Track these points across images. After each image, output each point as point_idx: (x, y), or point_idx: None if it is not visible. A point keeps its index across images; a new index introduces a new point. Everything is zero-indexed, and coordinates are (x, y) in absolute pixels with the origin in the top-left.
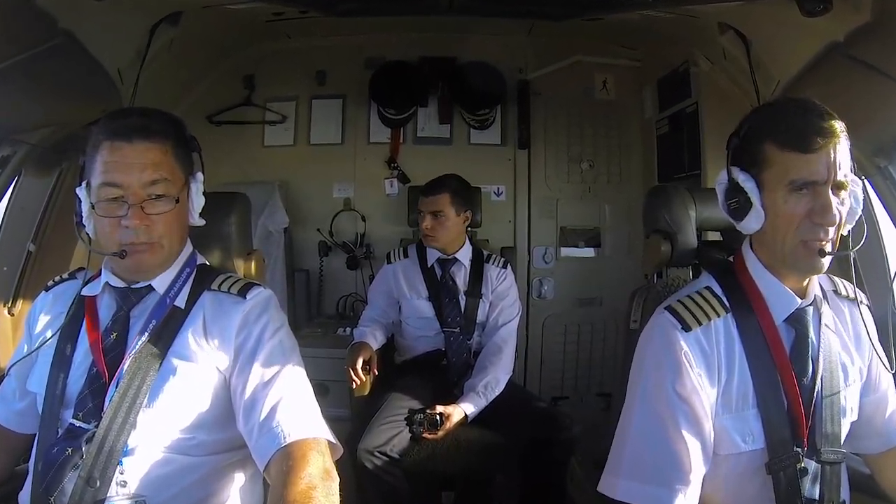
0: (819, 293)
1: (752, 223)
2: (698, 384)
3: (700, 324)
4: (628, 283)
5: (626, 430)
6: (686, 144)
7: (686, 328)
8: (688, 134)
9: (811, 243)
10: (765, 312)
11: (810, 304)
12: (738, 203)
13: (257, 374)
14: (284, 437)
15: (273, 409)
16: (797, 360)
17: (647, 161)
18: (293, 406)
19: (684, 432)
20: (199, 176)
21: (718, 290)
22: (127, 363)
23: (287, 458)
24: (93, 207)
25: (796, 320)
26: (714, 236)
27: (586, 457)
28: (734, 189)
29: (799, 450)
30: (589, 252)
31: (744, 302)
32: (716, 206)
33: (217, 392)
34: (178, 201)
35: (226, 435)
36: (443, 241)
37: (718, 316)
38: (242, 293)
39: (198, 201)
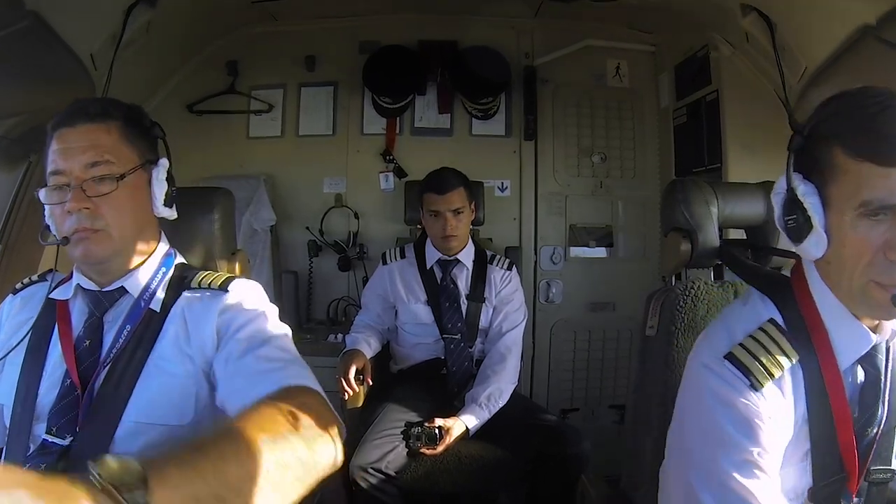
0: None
1: (811, 249)
2: (769, 442)
3: (772, 376)
4: (644, 286)
5: (673, 496)
6: (706, 135)
7: (756, 386)
8: (707, 124)
9: (887, 287)
10: (829, 355)
11: (885, 340)
12: (797, 222)
13: (242, 341)
14: (277, 384)
15: (261, 361)
16: (865, 408)
17: (663, 153)
18: (289, 363)
19: (754, 497)
20: (164, 162)
21: (781, 322)
22: (104, 372)
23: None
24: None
25: (867, 360)
26: (737, 234)
27: (598, 474)
28: (793, 203)
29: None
30: (601, 252)
31: (807, 341)
32: (739, 201)
33: (203, 401)
34: (121, 178)
35: None
36: (462, 242)
37: (791, 362)
38: (224, 286)
39: (159, 189)
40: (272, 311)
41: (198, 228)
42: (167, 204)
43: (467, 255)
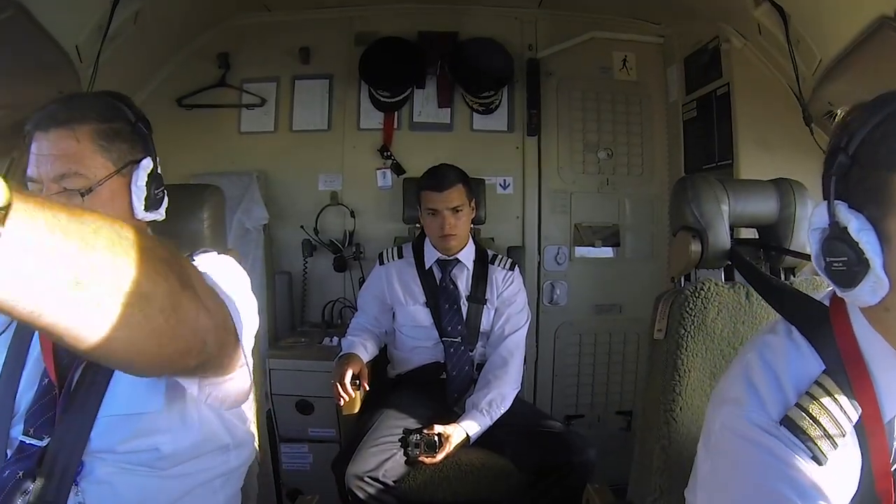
0: None
1: (866, 296)
2: None
3: (836, 446)
4: (652, 288)
5: None
6: (716, 131)
7: (821, 460)
8: (718, 119)
9: None
10: (872, 406)
11: None
12: (846, 264)
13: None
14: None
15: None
16: None
17: (672, 149)
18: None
19: None
20: (146, 163)
21: (836, 382)
22: (81, 369)
23: None
24: None
25: None
26: (749, 233)
27: (604, 483)
28: (839, 239)
29: None
30: (607, 252)
31: (848, 390)
32: (751, 199)
33: (176, 387)
34: (86, 193)
35: (192, 440)
36: (462, 241)
37: (851, 421)
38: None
39: (138, 195)
40: (242, 280)
41: (187, 228)
42: (151, 207)
43: (468, 255)
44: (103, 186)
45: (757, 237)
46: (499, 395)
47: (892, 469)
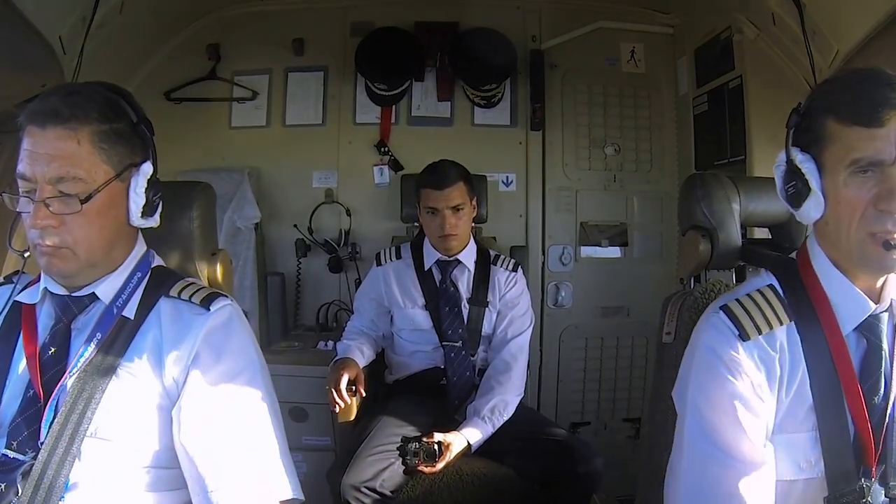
0: None
1: (811, 211)
2: (757, 396)
3: (760, 332)
4: (660, 289)
5: (680, 446)
6: (728, 125)
7: (744, 336)
8: (730, 113)
9: (879, 235)
10: (831, 320)
11: (885, 311)
12: (796, 188)
13: (207, 413)
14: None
15: (218, 470)
16: (867, 377)
17: (682, 145)
18: (244, 471)
19: (747, 431)
20: (146, 168)
21: (781, 292)
22: (69, 382)
23: None
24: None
25: (867, 329)
26: (762, 233)
27: (611, 494)
28: (792, 172)
29: (865, 483)
30: (614, 252)
31: (808, 307)
32: (763, 197)
33: (166, 421)
34: (86, 200)
35: (181, 471)
36: (463, 241)
37: (781, 324)
38: (206, 304)
39: (136, 202)
40: (250, 351)
41: (175, 227)
42: (147, 214)
43: (469, 256)
44: (102, 192)
45: (769, 237)
46: (501, 402)
47: (862, 389)
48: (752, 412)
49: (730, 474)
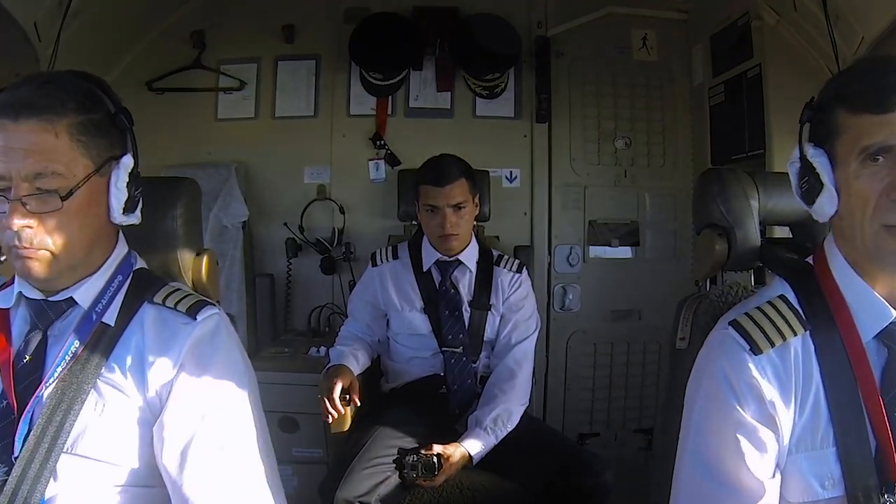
0: None
1: (824, 206)
2: (770, 415)
3: (773, 345)
4: (674, 292)
5: (679, 470)
6: (747, 117)
7: (756, 350)
8: (749, 104)
9: (894, 227)
10: (850, 328)
11: None
12: (809, 183)
13: (190, 431)
14: None
15: (200, 494)
16: (888, 387)
17: (697, 138)
18: (227, 495)
19: (749, 464)
20: (126, 161)
21: (794, 301)
22: (45, 393)
23: None
24: None
25: (888, 337)
26: (782, 232)
27: None
28: (805, 167)
29: (889, 499)
30: (625, 252)
31: (825, 314)
32: (783, 194)
33: (147, 438)
34: (67, 196)
35: (165, 491)
36: (464, 241)
37: (795, 334)
38: (192, 313)
39: (118, 198)
40: (238, 363)
41: (158, 226)
42: (129, 210)
43: (470, 256)
44: (82, 188)
45: (790, 236)
46: (505, 412)
47: (883, 400)
48: (757, 445)
49: None
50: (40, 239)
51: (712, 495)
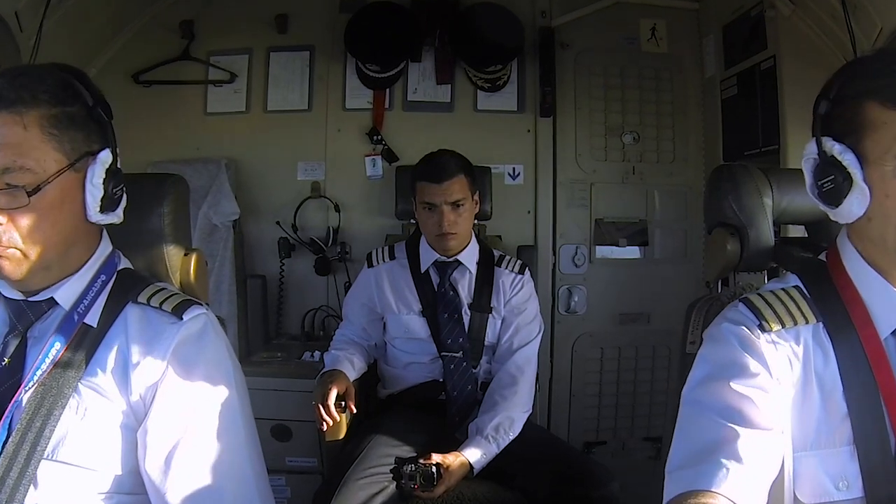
0: None
1: (853, 207)
2: (772, 387)
3: (783, 325)
4: (684, 294)
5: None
6: (760, 111)
7: (764, 327)
8: (762, 97)
9: None
10: (867, 324)
11: None
12: (835, 183)
13: (175, 438)
14: None
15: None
16: None
17: (708, 133)
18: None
19: (737, 427)
20: (104, 156)
21: (807, 293)
22: (24, 398)
23: None
24: None
25: None
26: (797, 231)
27: None
28: (827, 165)
29: None
30: (633, 252)
31: (839, 310)
32: (799, 191)
33: (131, 443)
34: (34, 192)
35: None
36: (464, 240)
37: (807, 322)
38: (178, 312)
39: (93, 195)
40: (226, 366)
41: (144, 224)
42: (108, 208)
43: (470, 256)
44: (53, 184)
45: (805, 235)
46: (507, 419)
47: None
48: (762, 388)
49: (730, 434)
50: (9, 237)
51: (715, 423)
